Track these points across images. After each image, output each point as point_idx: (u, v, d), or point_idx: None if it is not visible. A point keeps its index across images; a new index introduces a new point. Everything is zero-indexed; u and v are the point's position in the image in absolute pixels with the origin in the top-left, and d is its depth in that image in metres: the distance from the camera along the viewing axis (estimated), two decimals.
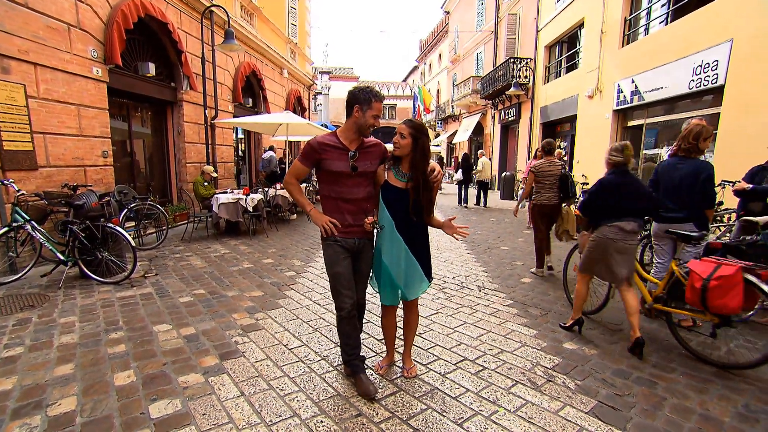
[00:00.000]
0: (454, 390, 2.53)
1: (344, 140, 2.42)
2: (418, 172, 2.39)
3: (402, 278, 2.52)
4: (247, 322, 3.54)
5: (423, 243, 2.56)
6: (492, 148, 18.30)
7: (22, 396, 2.41)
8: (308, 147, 2.41)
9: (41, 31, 5.20)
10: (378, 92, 2.40)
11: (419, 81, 34.01)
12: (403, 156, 2.43)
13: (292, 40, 15.16)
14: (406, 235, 2.49)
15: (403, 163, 2.46)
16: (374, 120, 2.38)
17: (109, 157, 6.48)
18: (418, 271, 2.53)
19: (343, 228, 2.44)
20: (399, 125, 2.48)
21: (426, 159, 2.41)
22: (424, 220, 2.51)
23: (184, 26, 8.44)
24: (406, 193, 2.44)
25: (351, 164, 2.39)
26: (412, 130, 2.39)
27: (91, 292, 4.26)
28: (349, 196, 2.43)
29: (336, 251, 2.45)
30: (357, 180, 2.43)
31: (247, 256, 5.87)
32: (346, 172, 2.39)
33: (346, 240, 2.46)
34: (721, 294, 2.64)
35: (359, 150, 2.43)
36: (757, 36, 6.02)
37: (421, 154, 2.39)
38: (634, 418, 2.28)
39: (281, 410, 2.30)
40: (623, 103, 9.26)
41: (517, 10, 15.57)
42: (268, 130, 10.15)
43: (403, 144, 2.39)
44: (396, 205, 2.47)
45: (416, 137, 2.38)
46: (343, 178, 2.41)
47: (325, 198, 2.52)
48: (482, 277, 5.00)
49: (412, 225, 2.49)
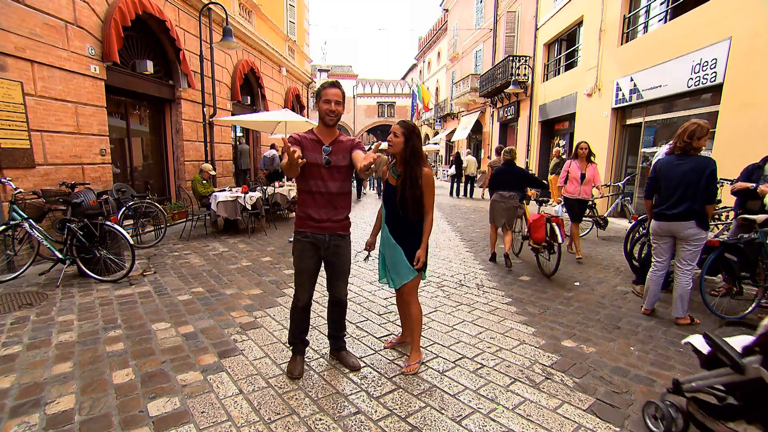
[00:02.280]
0: (453, 388, 2.54)
1: (319, 135, 2.53)
2: (407, 168, 2.58)
3: (390, 266, 2.79)
4: (245, 320, 3.54)
5: (411, 236, 2.68)
6: (491, 146, 18.29)
7: (21, 394, 2.41)
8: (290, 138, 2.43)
9: (38, 29, 5.17)
10: (330, 80, 2.54)
11: (418, 79, 33.97)
12: (397, 154, 2.63)
13: (291, 37, 15.12)
14: (395, 228, 2.72)
15: (398, 161, 2.65)
16: (328, 105, 2.46)
17: (107, 155, 6.46)
18: (401, 260, 2.69)
19: (316, 223, 2.52)
20: (394, 125, 2.67)
21: (416, 157, 2.59)
22: (410, 217, 2.62)
23: (182, 24, 8.40)
24: (396, 189, 2.64)
25: (325, 157, 2.47)
26: (405, 130, 2.60)
27: (90, 291, 4.25)
28: (323, 189, 2.51)
29: (304, 248, 2.56)
30: (330, 173, 2.51)
31: (245, 254, 5.87)
32: (320, 164, 2.47)
33: (315, 236, 2.54)
34: (535, 230, 5.04)
35: (333, 144, 2.53)
36: (756, 34, 6.02)
37: (411, 152, 2.58)
38: (632, 415, 2.28)
39: (280, 408, 2.31)
40: (622, 101, 9.26)
41: (516, 8, 15.55)
42: (266, 128, 10.12)
43: (396, 142, 2.60)
44: (388, 199, 2.74)
45: (408, 137, 2.58)
46: (317, 170, 2.48)
47: (300, 192, 2.58)
48: (481, 275, 5.00)
49: (401, 219, 2.67)
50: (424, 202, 2.61)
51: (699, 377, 1.99)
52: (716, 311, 3.66)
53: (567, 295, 4.33)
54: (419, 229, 2.66)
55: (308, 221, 2.53)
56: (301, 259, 2.57)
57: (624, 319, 3.67)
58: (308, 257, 2.57)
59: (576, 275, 5.06)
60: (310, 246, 2.55)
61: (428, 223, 2.66)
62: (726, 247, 3.67)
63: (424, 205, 2.62)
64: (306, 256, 2.56)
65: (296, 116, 8.87)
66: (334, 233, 2.57)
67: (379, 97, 37.94)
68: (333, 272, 2.68)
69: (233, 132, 11.77)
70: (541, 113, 13.78)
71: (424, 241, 2.67)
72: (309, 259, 2.57)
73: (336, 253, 2.61)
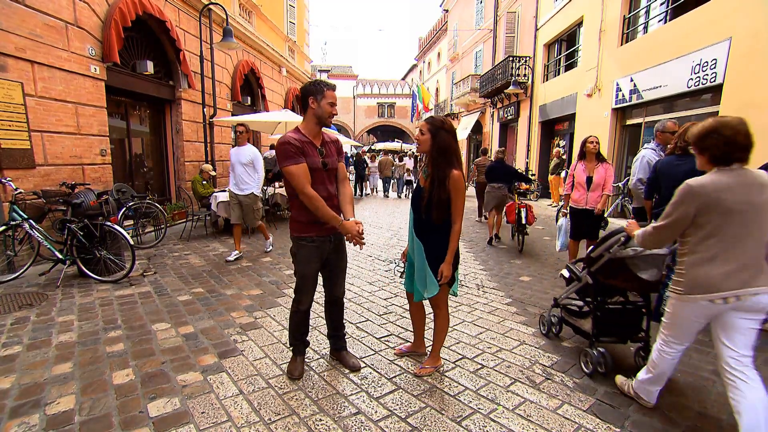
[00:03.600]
0: (453, 388, 2.54)
1: (309, 135, 2.44)
2: (434, 168, 2.41)
3: (415, 273, 2.60)
4: (245, 320, 3.54)
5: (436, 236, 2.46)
6: (491, 146, 18.28)
7: (21, 395, 2.41)
8: (288, 146, 2.30)
9: (39, 29, 5.17)
10: (328, 82, 2.45)
11: (418, 79, 33.97)
12: (426, 153, 2.48)
13: (291, 38, 15.13)
14: (419, 230, 2.54)
15: (427, 161, 2.50)
16: (331, 107, 2.42)
17: (107, 155, 6.46)
18: (424, 272, 2.50)
19: (320, 226, 2.45)
20: (421, 122, 2.54)
21: (444, 156, 2.39)
22: (434, 221, 2.42)
23: (183, 24, 8.41)
24: (422, 190, 2.49)
25: (321, 160, 2.42)
26: (431, 126, 2.43)
27: (90, 291, 4.25)
28: (324, 193, 2.42)
29: (310, 253, 2.50)
30: (328, 175, 2.47)
31: (245, 254, 5.87)
32: (318, 168, 2.40)
33: (321, 238, 2.49)
34: (509, 213, 6.37)
35: (323, 146, 2.48)
36: (756, 34, 6.02)
37: (438, 150, 2.40)
38: (632, 415, 2.28)
39: (280, 409, 2.31)
40: (622, 101, 9.26)
41: (516, 9, 15.55)
42: (266, 128, 10.14)
43: (422, 140, 2.45)
44: (415, 201, 2.56)
45: (434, 133, 2.41)
46: (317, 173, 2.40)
47: (295, 197, 2.43)
48: (481, 276, 5.00)
49: (425, 223, 2.48)
50: (451, 208, 2.41)
51: (564, 292, 3.13)
52: None
53: None
54: (445, 230, 2.44)
55: (313, 225, 2.45)
56: (307, 265, 2.51)
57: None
58: (315, 262, 2.52)
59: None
60: (316, 250, 2.50)
61: (455, 233, 2.42)
62: None
63: (451, 211, 2.41)
64: (313, 260, 2.51)
65: (296, 117, 8.88)
66: (336, 233, 2.54)
67: (379, 97, 37.94)
68: (334, 270, 2.64)
69: (233, 132, 11.76)
70: (541, 113, 13.78)
71: (450, 253, 2.43)
72: (315, 263, 2.53)
73: (337, 251, 2.60)
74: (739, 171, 1.89)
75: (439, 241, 2.47)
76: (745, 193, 1.86)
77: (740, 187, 1.86)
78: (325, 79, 2.51)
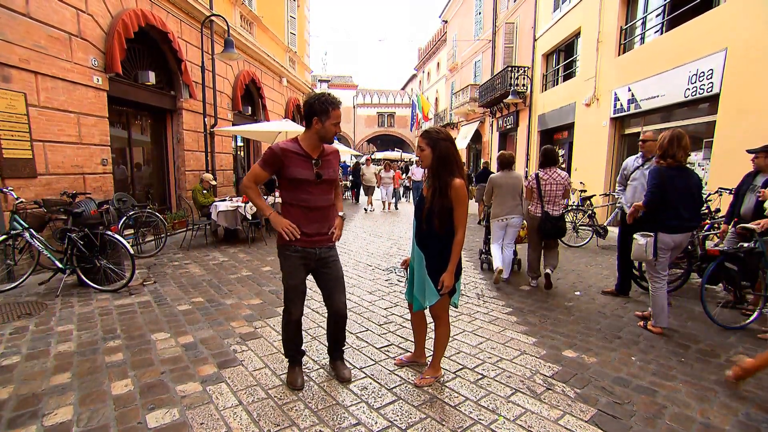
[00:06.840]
0: (453, 399, 2.52)
1: (306, 148, 2.44)
2: (435, 179, 2.41)
3: (415, 281, 2.61)
4: (245, 330, 3.52)
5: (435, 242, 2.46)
6: (490, 155, 18.36)
7: (18, 405, 2.39)
8: (271, 153, 2.37)
9: (42, 41, 5.23)
10: (334, 99, 2.42)
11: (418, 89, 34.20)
12: (429, 167, 2.46)
13: (292, 48, 15.28)
14: (421, 242, 2.54)
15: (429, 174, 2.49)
16: (335, 128, 2.43)
17: (108, 164, 6.49)
18: (424, 281, 2.51)
19: (307, 237, 2.46)
20: (418, 138, 2.54)
21: (445, 166, 2.39)
22: (436, 230, 2.42)
23: (184, 35, 8.51)
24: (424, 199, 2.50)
25: (316, 171, 2.43)
26: (428, 140, 2.43)
27: (89, 300, 4.24)
28: (314, 204, 2.45)
29: (294, 264, 2.49)
30: (321, 187, 2.47)
31: (245, 263, 5.86)
32: (311, 180, 2.42)
33: (306, 249, 2.48)
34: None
35: (321, 158, 2.48)
36: (751, 45, 6.09)
37: (439, 161, 2.40)
38: (634, 426, 2.27)
39: (279, 419, 2.29)
40: (620, 111, 9.33)
41: (514, 19, 15.74)
42: (267, 138, 10.17)
43: (423, 156, 2.45)
44: (417, 210, 2.59)
45: (433, 146, 2.41)
46: (307, 185, 2.42)
47: (288, 206, 2.48)
48: (481, 285, 4.99)
49: (425, 232, 2.49)
50: (453, 217, 2.40)
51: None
52: (717, 321, 3.65)
53: (567, 304, 4.32)
54: (446, 240, 2.43)
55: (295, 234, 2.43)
56: (292, 276, 2.50)
57: (625, 329, 3.65)
58: (300, 272, 2.51)
59: (576, 285, 5.05)
60: (300, 260, 2.49)
61: (457, 243, 2.40)
62: (726, 256, 3.67)
63: (453, 221, 2.40)
64: (298, 270, 2.50)
65: (297, 126, 8.93)
66: (324, 246, 2.54)
67: (379, 107, 38.24)
68: (328, 282, 2.61)
69: (234, 142, 11.83)
70: (540, 123, 13.86)
71: (452, 262, 2.41)
72: (301, 273, 2.52)
73: (327, 263, 2.58)
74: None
75: (440, 250, 2.46)
76: None
77: None
78: (330, 94, 2.46)
